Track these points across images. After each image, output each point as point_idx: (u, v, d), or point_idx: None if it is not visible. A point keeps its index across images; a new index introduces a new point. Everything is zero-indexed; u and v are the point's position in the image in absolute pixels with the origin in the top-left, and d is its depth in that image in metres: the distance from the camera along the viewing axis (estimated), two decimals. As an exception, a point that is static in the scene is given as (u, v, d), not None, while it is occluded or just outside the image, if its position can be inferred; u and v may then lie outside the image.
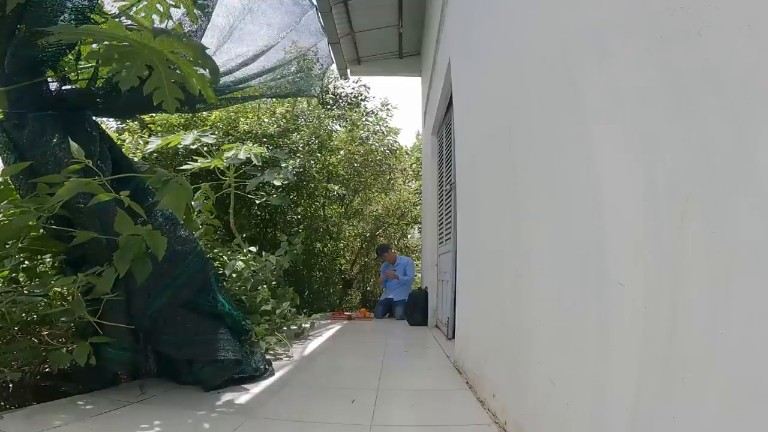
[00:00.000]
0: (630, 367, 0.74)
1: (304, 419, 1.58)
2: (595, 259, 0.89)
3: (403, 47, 6.29)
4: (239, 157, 3.02)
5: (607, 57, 0.87)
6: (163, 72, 1.34)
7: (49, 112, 1.78)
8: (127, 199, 1.53)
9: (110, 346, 1.75)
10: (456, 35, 2.91)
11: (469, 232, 2.36)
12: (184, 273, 1.91)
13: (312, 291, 6.83)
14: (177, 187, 1.49)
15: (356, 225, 8.96)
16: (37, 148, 1.72)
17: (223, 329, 2.01)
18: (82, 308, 1.57)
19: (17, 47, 1.63)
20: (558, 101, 1.11)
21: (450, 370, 2.39)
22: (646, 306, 0.71)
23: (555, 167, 1.13)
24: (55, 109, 1.81)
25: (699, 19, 0.60)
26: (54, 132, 1.74)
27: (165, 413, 1.61)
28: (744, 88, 0.53)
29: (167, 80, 1.35)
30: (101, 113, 2.18)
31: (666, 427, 0.64)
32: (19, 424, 1.41)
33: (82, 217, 1.73)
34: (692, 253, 0.61)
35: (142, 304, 1.82)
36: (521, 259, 1.39)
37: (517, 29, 1.47)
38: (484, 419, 1.54)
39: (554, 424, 1.05)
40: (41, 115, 1.76)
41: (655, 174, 0.70)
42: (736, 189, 0.54)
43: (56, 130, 1.75)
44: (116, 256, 1.52)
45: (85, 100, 1.94)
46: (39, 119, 1.75)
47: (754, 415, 0.50)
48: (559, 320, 1.07)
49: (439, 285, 4.25)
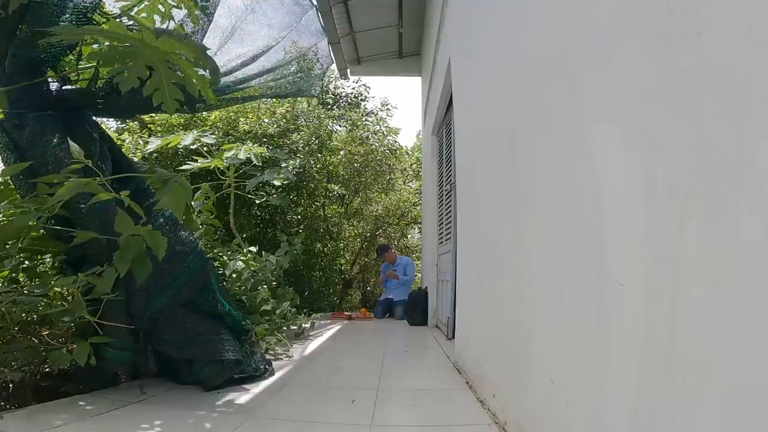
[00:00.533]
0: (630, 367, 0.74)
1: (304, 419, 1.58)
2: (595, 259, 0.89)
3: (403, 47, 6.29)
4: (239, 157, 3.02)
5: (607, 57, 0.87)
6: (163, 73, 1.34)
7: (49, 112, 1.78)
8: (127, 199, 1.53)
9: (110, 346, 1.75)
10: (456, 35, 2.91)
11: (469, 232, 2.36)
12: (185, 273, 1.92)
13: (312, 291, 6.83)
14: (176, 187, 1.49)
15: (356, 225, 8.96)
16: (37, 148, 1.72)
17: (224, 329, 2.01)
18: (82, 308, 1.57)
19: (18, 47, 1.63)
20: (558, 101, 1.11)
21: (450, 370, 2.39)
22: (646, 306, 0.71)
23: (555, 167, 1.13)
24: (55, 109, 1.81)
25: (699, 19, 0.60)
26: (54, 132, 1.74)
27: (165, 413, 1.61)
28: (744, 88, 0.53)
29: (167, 81, 1.35)
30: (101, 113, 2.18)
31: (666, 427, 0.64)
32: (19, 424, 1.41)
33: (83, 217, 1.73)
34: (692, 253, 0.61)
35: (142, 304, 1.82)
36: (521, 259, 1.39)
37: (518, 29, 1.47)
38: (484, 419, 1.54)
39: (554, 424, 1.05)
40: (41, 115, 1.76)
41: (655, 174, 0.70)
42: (736, 189, 0.54)
43: (56, 130, 1.75)
44: (116, 257, 1.52)
45: (85, 100, 1.94)
46: (39, 119, 1.75)
47: (754, 415, 0.50)
48: (559, 320, 1.07)
49: (439, 285, 4.25)
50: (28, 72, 1.73)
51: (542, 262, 1.20)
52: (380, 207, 8.97)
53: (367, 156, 7.76)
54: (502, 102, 1.66)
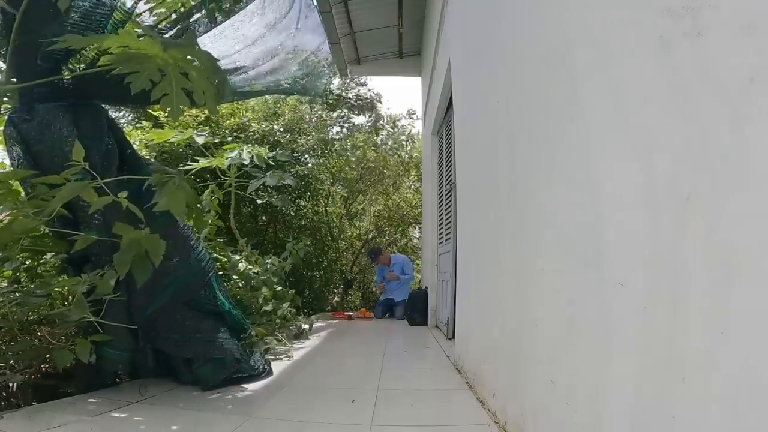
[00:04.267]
0: (630, 367, 0.74)
1: (304, 419, 1.58)
2: (595, 259, 0.89)
3: (403, 47, 6.29)
4: (243, 157, 3.03)
5: (607, 57, 0.87)
6: (174, 79, 1.35)
7: (57, 104, 1.77)
8: (125, 201, 1.52)
9: (110, 345, 1.75)
10: (456, 35, 2.91)
11: (469, 232, 2.36)
12: (186, 272, 1.92)
13: (312, 291, 6.83)
14: (175, 188, 1.49)
15: (358, 226, 8.96)
16: (45, 142, 1.71)
17: (223, 328, 2.01)
18: (85, 310, 1.56)
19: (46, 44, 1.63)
20: (558, 101, 1.11)
21: (450, 370, 2.39)
22: (646, 306, 0.71)
23: (555, 167, 1.13)
24: (64, 99, 1.79)
25: (699, 19, 0.60)
26: (62, 124, 1.73)
27: (165, 413, 1.61)
28: (744, 88, 0.53)
29: (177, 87, 1.36)
30: (111, 102, 2.17)
31: (666, 427, 0.64)
32: (19, 424, 1.41)
33: (85, 215, 1.72)
34: (692, 253, 0.61)
35: (143, 303, 1.82)
36: (521, 259, 1.39)
37: (518, 29, 1.47)
38: (484, 419, 1.54)
39: (554, 424, 1.05)
40: (50, 107, 1.75)
41: (655, 174, 0.70)
42: (736, 189, 0.54)
43: (65, 122, 1.74)
44: (116, 259, 1.52)
45: (94, 90, 1.92)
46: (48, 111, 1.74)
47: (755, 415, 0.50)
48: (559, 320, 1.07)
49: (439, 285, 4.25)
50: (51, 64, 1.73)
51: (542, 262, 1.20)
52: (382, 207, 8.96)
53: (378, 162, 7.77)
54: (502, 102, 1.66)
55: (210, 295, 2.03)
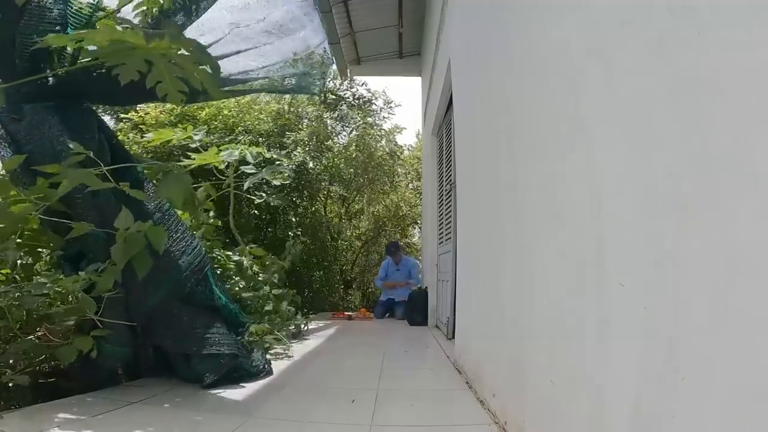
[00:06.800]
0: (630, 367, 0.74)
1: (304, 419, 1.58)
2: (595, 259, 0.89)
3: (403, 47, 6.29)
4: (234, 155, 3.01)
5: (607, 57, 0.87)
6: (163, 67, 1.34)
7: (46, 104, 1.76)
8: (127, 187, 1.52)
9: (108, 341, 1.74)
10: (456, 35, 2.91)
11: (469, 232, 2.35)
12: (182, 267, 1.92)
13: (312, 291, 6.83)
14: (175, 179, 1.50)
15: (357, 225, 8.96)
16: (35, 141, 1.71)
17: (219, 323, 2.01)
18: (92, 306, 1.56)
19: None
20: (558, 101, 1.11)
21: (450, 370, 2.39)
22: (646, 306, 0.71)
23: (555, 167, 1.13)
24: (52, 99, 1.79)
25: (699, 19, 0.60)
26: (52, 124, 1.72)
27: (165, 413, 1.62)
28: (744, 88, 0.53)
29: (168, 74, 1.36)
30: (100, 100, 2.15)
31: (666, 427, 0.64)
32: (19, 424, 1.41)
33: (81, 211, 1.72)
34: (692, 253, 0.61)
35: (140, 299, 1.82)
36: (521, 258, 1.39)
37: (518, 29, 1.47)
38: (484, 419, 1.54)
39: (554, 424, 1.05)
40: (39, 107, 1.75)
41: (655, 174, 0.70)
42: (736, 189, 0.54)
43: (54, 122, 1.73)
44: (114, 250, 1.51)
45: (82, 88, 1.91)
46: (37, 111, 1.73)
47: (755, 415, 0.50)
48: (559, 320, 1.07)
49: (439, 285, 4.25)
50: (29, 63, 1.72)
51: (542, 262, 1.20)
52: (381, 207, 8.96)
53: (369, 157, 7.76)
54: (501, 102, 1.66)
55: (206, 289, 2.03)
